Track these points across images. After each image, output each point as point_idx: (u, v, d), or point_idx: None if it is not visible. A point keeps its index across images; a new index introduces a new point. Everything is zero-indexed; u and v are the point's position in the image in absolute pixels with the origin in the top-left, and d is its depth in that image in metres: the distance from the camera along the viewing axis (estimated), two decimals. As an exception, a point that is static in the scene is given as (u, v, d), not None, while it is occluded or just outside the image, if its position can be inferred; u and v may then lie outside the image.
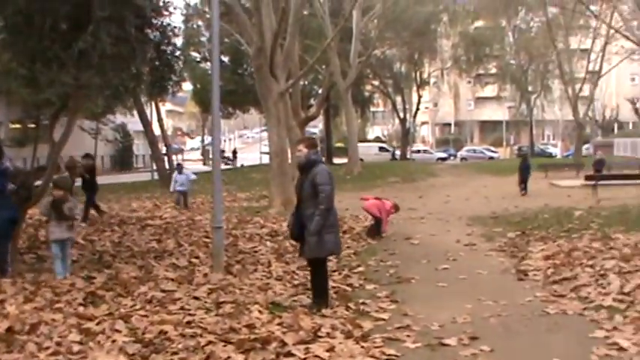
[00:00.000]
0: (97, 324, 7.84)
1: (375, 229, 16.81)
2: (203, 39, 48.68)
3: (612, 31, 36.24)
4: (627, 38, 26.85)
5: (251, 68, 37.68)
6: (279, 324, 8.08)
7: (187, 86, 58.73)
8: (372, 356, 7.15)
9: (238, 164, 63.61)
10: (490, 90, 78.32)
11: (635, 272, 10.46)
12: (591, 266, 11.32)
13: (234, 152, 70.71)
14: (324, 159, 10.07)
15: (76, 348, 7.02)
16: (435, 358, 7.26)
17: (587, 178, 28.14)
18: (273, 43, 22.33)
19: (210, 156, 14.06)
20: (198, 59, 52.16)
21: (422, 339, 7.72)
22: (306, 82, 52.22)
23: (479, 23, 65.66)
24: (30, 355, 6.83)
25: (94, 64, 10.76)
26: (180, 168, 25.30)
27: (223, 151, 70.46)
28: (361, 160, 49.05)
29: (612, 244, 13.34)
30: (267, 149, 30.16)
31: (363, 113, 70.27)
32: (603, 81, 61.35)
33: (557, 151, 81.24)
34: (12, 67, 13.31)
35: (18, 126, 41.61)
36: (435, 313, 8.90)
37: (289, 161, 23.90)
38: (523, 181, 29.42)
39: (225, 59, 50.55)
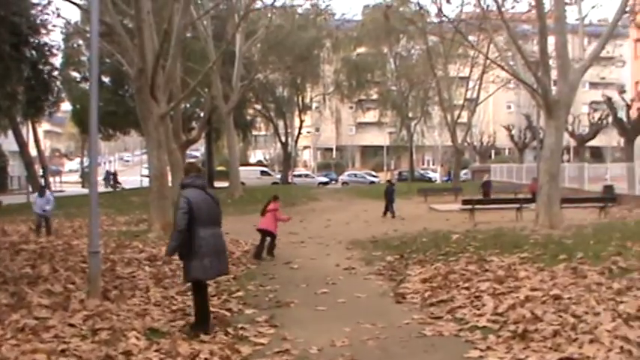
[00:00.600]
0: (-36, 355, 7.52)
1: (269, 247, 17.19)
2: (83, 58, 47.55)
3: (489, 60, 37.40)
4: (502, 68, 27.66)
5: (132, 90, 37.07)
6: (157, 350, 7.98)
7: (67, 106, 57.56)
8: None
9: (118, 187, 62.43)
10: (371, 115, 79.36)
11: (508, 293, 10.77)
12: (467, 288, 11.61)
13: (115, 175, 69.26)
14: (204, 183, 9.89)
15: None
16: (313, 382, 7.29)
17: (465, 202, 28.85)
18: (154, 65, 22.03)
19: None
20: (78, 79, 51.00)
21: (301, 363, 7.74)
22: (188, 105, 51.89)
23: (361, 49, 66.69)
24: None
25: (-35, 82, 10.41)
26: (42, 191, 23.76)
27: (112, 174, 68.85)
28: (243, 183, 49.11)
29: (487, 266, 13.68)
30: (147, 172, 29.74)
31: (244, 137, 69.94)
32: (481, 108, 63.29)
33: (436, 175, 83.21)
34: None
35: None
36: (314, 337, 8.94)
37: (169, 184, 23.60)
38: (390, 204, 30.98)
39: (106, 80, 49.75)
